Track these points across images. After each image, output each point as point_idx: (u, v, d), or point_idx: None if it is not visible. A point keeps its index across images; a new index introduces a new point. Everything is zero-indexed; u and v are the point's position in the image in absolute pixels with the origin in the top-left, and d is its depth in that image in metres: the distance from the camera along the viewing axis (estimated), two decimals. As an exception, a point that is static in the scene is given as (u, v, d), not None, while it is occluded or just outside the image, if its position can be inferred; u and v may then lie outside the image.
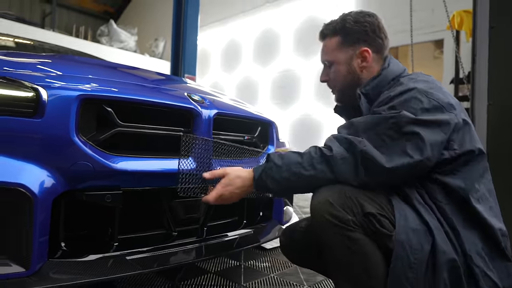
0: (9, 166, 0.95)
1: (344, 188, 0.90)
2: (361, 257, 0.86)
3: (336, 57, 1.11)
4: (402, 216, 0.88)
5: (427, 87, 0.93)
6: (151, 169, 1.19)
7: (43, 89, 1.02)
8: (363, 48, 1.07)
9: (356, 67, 1.09)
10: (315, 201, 0.92)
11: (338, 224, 0.87)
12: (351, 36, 1.08)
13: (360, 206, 0.88)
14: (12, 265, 0.95)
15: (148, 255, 1.18)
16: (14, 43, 2.27)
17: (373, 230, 0.87)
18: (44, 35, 5.30)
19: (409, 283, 0.83)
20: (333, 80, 1.13)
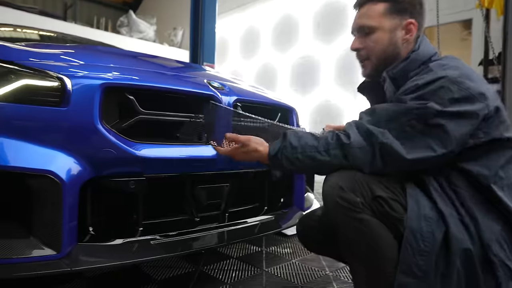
0: (39, 154, 0.99)
1: (355, 173, 0.90)
2: (370, 238, 0.86)
3: (380, 23, 1.03)
4: (415, 202, 0.86)
5: (457, 74, 0.87)
6: (173, 155, 1.20)
7: (67, 78, 1.04)
8: (410, 19, 1.02)
9: (399, 38, 1.03)
10: (326, 186, 0.93)
11: (347, 206, 0.87)
12: (400, 4, 1.02)
13: (370, 190, 0.88)
14: (44, 248, 0.99)
15: (172, 240, 1.20)
16: (39, 36, 2.33)
17: (382, 212, 0.86)
18: (67, 28, 5.42)
19: (419, 269, 0.82)
20: (370, 49, 1.05)
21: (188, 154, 1.24)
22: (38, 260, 0.97)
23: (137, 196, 1.17)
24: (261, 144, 1.05)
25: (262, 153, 1.03)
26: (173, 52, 6.71)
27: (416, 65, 0.99)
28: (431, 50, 1.02)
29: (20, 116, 0.98)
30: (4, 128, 0.96)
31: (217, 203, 1.37)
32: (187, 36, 6.96)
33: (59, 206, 0.99)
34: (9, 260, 0.94)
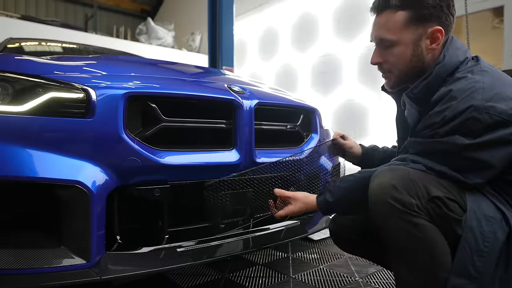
0: (66, 164, 1.00)
1: (409, 170, 0.85)
2: (426, 244, 0.81)
3: (401, 36, 0.93)
4: (475, 202, 0.82)
5: (486, 98, 0.80)
6: (196, 162, 1.20)
7: (92, 89, 1.06)
8: (436, 27, 0.90)
9: (423, 49, 0.93)
10: (376, 184, 0.86)
11: (401, 209, 0.81)
12: (423, 11, 0.90)
13: (425, 189, 0.82)
14: (74, 257, 1.00)
15: (197, 247, 1.20)
16: (62, 48, 2.40)
17: (440, 214, 0.81)
18: (88, 38, 5.58)
19: (476, 271, 0.78)
20: (391, 64, 0.98)
21: (211, 160, 1.24)
22: (68, 269, 0.99)
23: (162, 204, 1.17)
24: (307, 197, 1.11)
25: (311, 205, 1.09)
26: (191, 57, 6.78)
27: (440, 79, 0.91)
28: (459, 57, 0.92)
29: (48, 128, 1.00)
30: (33, 141, 0.98)
31: (242, 209, 1.36)
32: (205, 41, 7.02)
33: (87, 215, 1.00)
34: (40, 269, 0.96)
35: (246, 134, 1.29)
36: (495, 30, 4.28)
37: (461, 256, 0.79)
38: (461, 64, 0.91)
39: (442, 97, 0.86)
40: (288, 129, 1.53)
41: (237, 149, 1.29)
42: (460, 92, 0.83)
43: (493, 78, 0.85)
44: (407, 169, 0.86)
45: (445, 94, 0.85)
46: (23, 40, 2.30)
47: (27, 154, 0.97)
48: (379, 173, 0.88)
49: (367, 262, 1.64)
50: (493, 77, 0.85)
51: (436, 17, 0.91)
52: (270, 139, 1.46)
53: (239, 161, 1.28)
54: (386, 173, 0.86)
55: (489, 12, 4.27)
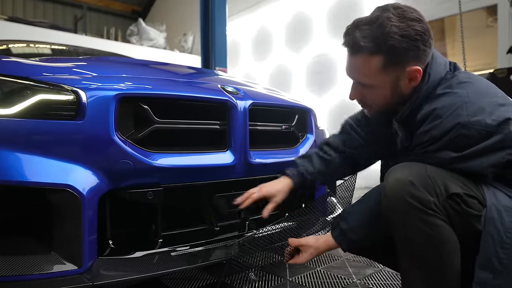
0: (56, 168, 0.98)
1: (426, 166, 0.84)
2: (439, 244, 0.81)
3: (378, 81, 0.92)
4: (493, 195, 0.83)
5: (470, 112, 0.81)
6: (189, 164, 1.18)
7: (82, 91, 1.03)
8: (413, 67, 0.88)
9: (402, 87, 0.92)
10: (393, 180, 0.84)
11: (418, 206, 0.80)
12: (398, 55, 0.87)
13: (444, 186, 0.81)
14: (65, 263, 0.98)
15: (192, 250, 1.18)
16: (51, 50, 2.36)
17: (458, 211, 0.81)
18: (77, 40, 5.51)
19: (500, 263, 0.78)
20: (370, 103, 0.99)
21: (205, 162, 1.22)
22: (60, 276, 0.97)
23: (155, 207, 1.16)
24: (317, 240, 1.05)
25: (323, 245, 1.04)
26: (184, 58, 6.74)
27: (424, 100, 0.91)
28: (441, 73, 0.92)
29: (37, 131, 0.97)
30: (22, 144, 0.96)
31: (237, 212, 1.34)
32: (197, 42, 6.99)
33: (79, 220, 0.98)
34: (30, 276, 0.94)
35: (241, 135, 1.28)
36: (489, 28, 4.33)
37: (485, 249, 0.79)
38: (442, 79, 0.92)
39: (427, 116, 0.87)
40: (283, 130, 1.52)
41: (231, 150, 1.28)
42: (445, 110, 0.84)
43: (473, 89, 0.86)
44: (424, 165, 0.85)
45: (430, 113, 0.86)
46: (11, 42, 2.25)
47: (16, 158, 0.94)
48: (395, 169, 0.87)
49: (364, 263, 1.63)
50: (472, 88, 0.86)
51: (413, 57, 0.88)
52: (265, 140, 1.45)
53: (234, 162, 1.27)
54: (403, 169, 0.85)
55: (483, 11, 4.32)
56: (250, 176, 1.35)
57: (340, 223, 1.00)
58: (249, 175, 1.34)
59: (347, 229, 0.98)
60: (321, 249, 1.04)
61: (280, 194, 1.19)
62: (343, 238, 0.99)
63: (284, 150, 1.49)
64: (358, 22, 0.92)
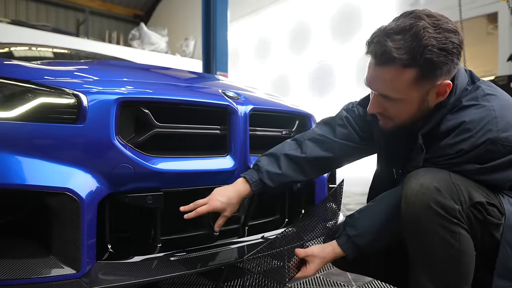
0: (56, 171, 0.98)
1: (450, 174, 0.83)
2: (458, 254, 0.79)
3: (408, 95, 0.85)
4: (508, 203, 0.84)
5: (500, 128, 0.81)
6: (190, 169, 1.18)
7: (83, 95, 1.03)
8: (445, 81, 0.83)
9: (430, 102, 0.87)
10: (417, 185, 0.80)
11: (442, 214, 0.78)
12: (434, 69, 0.81)
13: (468, 195, 0.80)
14: (64, 267, 0.98)
15: (191, 256, 1.17)
16: (52, 53, 2.37)
17: (480, 220, 0.81)
18: (79, 43, 5.53)
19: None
20: (392, 116, 0.92)
21: (205, 167, 1.22)
22: (58, 280, 0.96)
23: (154, 212, 1.15)
24: (322, 250, 1.00)
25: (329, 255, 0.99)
26: (185, 63, 6.77)
27: (447, 111, 0.88)
28: (464, 84, 0.89)
29: (38, 134, 0.97)
30: (23, 147, 0.96)
31: (236, 216, 1.34)
32: (199, 46, 7.02)
33: (78, 224, 0.98)
34: (28, 280, 0.93)
35: (241, 140, 1.28)
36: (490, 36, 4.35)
37: (503, 257, 0.79)
38: (464, 90, 0.89)
39: (454, 128, 0.84)
40: (283, 135, 1.52)
41: (231, 155, 1.28)
42: (474, 124, 0.82)
43: (498, 101, 0.85)
44: (448, 172, 0.83)
45: (457, 126, 0.83)
46: (13, 45, 2.26)
47: (16, 161, 0.94)
48: (416, 174, 0.83)
49: (362, 269, 1.63)
50: (498, 101, 0.85)
51: (446, 71, 0.83)
52: (265, 145, 1.45)
53: (234, 167, 1.26)
54: (425, 174, 0.82)
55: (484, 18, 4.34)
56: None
57: (347, 229, 0.96)
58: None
59: (354, 235, 0.94)
60: (328, 258, 0.98)
61: (230, 207, 1.11)
62: (350, 245, 0.95)
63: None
64: (388, 30, 0.83)
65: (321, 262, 0.99)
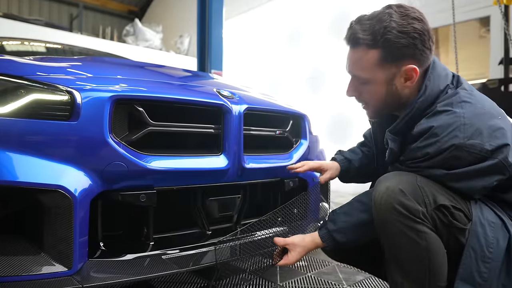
0: (49, 168, 0.97)
1: (416, 177, 0.86)
2: (426, 253, 0.82)
3: (374, 75, 0.92)
4: (479, 209, 0.84)
5: (467, 135, 0.82)
6: (183, 167, 1.18)
7: (77, 92, 1.03)
8: (410, 65, 0.88)
9: (398, 86, 0.92)
10: (383, 188, 0.85)
11: (407, 214, 0.81)
12: (395, 51, 0.88)
13: (433, 197, 0.83)
14: (55, 264, 0.97)
15: (184, 254, 1.18)
16: (45, 48, 2.34)
17: (444, 223, 0.82)
18: (73, 38, 5.47)
19: (480, 277, 0.80)
20: (366, 99, 0.99)
21: (198, 166, 1.22)
22: (49, 277, 0.96)
23: (147, 210, 1.15)
24: (303, 239, 1.04)
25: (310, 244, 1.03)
26: (180, 60, 6.72)
27: (421, 111, 0.91)
28: (440, 86, 0.92)
29: (30, 131, 0.96)
30: (15, 143, 0.95)
31: (229, 216, 1.34)
32: (193, 43, 6.99)
33: (70, 221, 0.97)
34: (19, 277, 0.93)
35: (235, 140, 1.28)
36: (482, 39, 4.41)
37: (467, 262, 0.80)
38: (441, 92, 0.91)
39: (424, 132, 0.87)
40: (277, 135, 1.52)
41: (225, 154, 1.28)
42: (442, 129, 0.84)
43: (473, 109, 0.86)
44: (415, 175, 0.86)
45: (427, 130, 0.86)
46: (5, 39, 2.23)
47: (8, 157, 0.93)
48: (385, 177, 0.88)
49: (355, 269, 1.64)
50: (473, 108, 0.86)
51: (410, 55, 0.88)
52: (259, 145, 1.45)
53: (227, 166, 1.27)
54: (393, 178, 0.86)
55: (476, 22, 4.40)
56: (243, 181, 1.35)
57: (328, 224, 1.01)
58: (242, 180, 1.35)
59: (333, 230, 0.99)
60: (308, 247, 1.03)
61: (333, 171, 1.24)
62: (329, 239, 1.00)
63: (278, 155, 1.50)
64: (360, 17, 0.93)
65: (303, 251, 1.03)
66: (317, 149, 1.73)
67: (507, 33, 2.74)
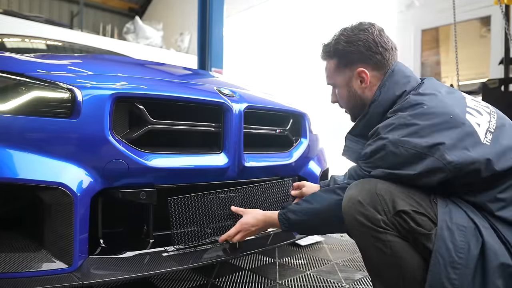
0: (50, 166, 0.97)
1: (377, 184, 0.86)
2: (395, 260, 0.82)
3: (335, 80, 1.08)
4: (447, 213, 0.81)
5: (403, 133, 0.83)
6: (183, 165, 1.18)
7: (77, 89, 1.03)
8: (360, 68, 1.01)
9: (356, 88, 1.04)
10: (346, 201, 0.89)
11: (368, 225, 0.83)
12: (345, 58, 1.04)
13: (392, 204, 0.83)
14: (55, 261, 0.98)
15: (183, 252, 1.18)
16: (46, 45, 2.34)
17: (407, 229, 0.81)
18: (73, 36, 5.46)
19: (451, 284, 0.76)
20: (340, 103, 1.12)
21: (199, 164, 1.22)
22: (49, 274, 0.96)
23: (147, 207, 1.15)
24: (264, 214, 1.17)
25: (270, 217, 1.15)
26: (180, 58, 6.71)
27: (378, 116, 0.98)
28: (396, 92, 0.97)
29: (31, 128, 0.97)
30: (16, 141, 0.95)
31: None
32: (194, 41, 6.98)
33: (70, 218, 0.98)
34: (19, 274, 0.93)
35: (235, 138, 1.28)
36: (483, 39, 4.39)
37: (435, 268, 0.78)
38: (399, 98, 0.96)
39: (372, 133, 0.93)
40: (277, 133, 1.52)
41: (225, 152, 1.28)
42: (383, 128, 0.89)
43: (420, 110, 0.86)
44: (375, 182, 0.86)
45: (375, 131, 0.92)
46: (5, 36, 2.23)
47: (9, 155, 0.94)
48: (350, 187, 0.91)
49: (354, 268, 1.65)
50: (420, 110, 0.86)
51: (359, 60, 1.01)
52: (259, 143, 1.46)
53: (227, 165, 1.27)
54: (355, 187, 0.89)
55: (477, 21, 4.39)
56: (243, 179, 1.35)
57: (288, 213, 1.09)
58: (242, 178, 1.35)
59: (290, 210, 1.09)
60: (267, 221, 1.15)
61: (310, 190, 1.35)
62: (285, 221, 1.09)
63: (278, 154, 1.50)
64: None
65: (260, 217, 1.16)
66: (317, 148, 1.73)
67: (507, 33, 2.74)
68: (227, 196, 1.28)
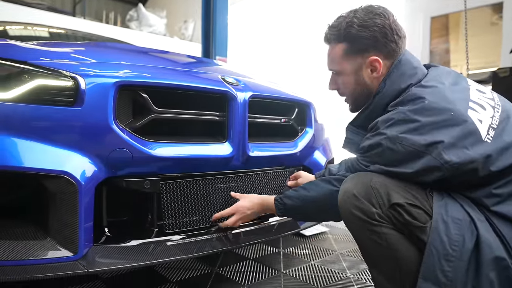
0: (54, 154, 0.97)
1: (372, 177, 0.85)
2: (391, 252, 0.82)
3: (342, 67, 1.00)
4: (442, 206, 0.81)
5: (402, 130, 0.81)
6: (187, 154, 1.18)
7: (81, 77, 1.02)
8: (373, 57, 0.94)
9: (365, 77, 0.98)
10: (341, 195, 0.89)
11: (363, 218, 0.83)
12: (358, 43, 0.95)
13: (386, 197, 0.82)
14: (61, 249, 0.98)
15: (187, 241, 1.18)
16: (48, 33, 2.32)
17: (402, 222, 0.81)
18: (76, 23, 5.42)
19: (445, 276, 0.76)
20: (342, 91, 1.05)
21: (203, 153, 1.21)
22: (55, 262, 0.97)
23: (152, 196, 1.15)
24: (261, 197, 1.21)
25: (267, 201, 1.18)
26: (184, 46, 6.66)
27: (380, 108, 0.94)
28: (401, 85, 0.92)
29: (34, 116, 0.96)
30: (19, 129, 0.94)
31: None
32: (198, 29, 6.91)
33: (75, 207, 0.98)
34: (25, 261, 0.94)
35: (239, 127, 1.27)
36: (494, 26, 4.29)
37: (428, 260, 0.77)
38: (404, 91, 0.91)
39: (372, 126, 0.91)
40: (282, 123, 1.51)
41: (230, 142, 1.27)
42: (382, 122, 0.87)
43: (421, 105, 0.83)
44: (371, 176, 0.86)
45: (373, 125, 0.90)
46: (7, 24, 2.21)
47: (13, 143, 0.93)
48: (346, 180, 0.90)
49: (359, 258, 1.65)
50: (421, 105, 0.83)
51: (373, 47, 0.94)
52: (263, 133, 1.44)
53: (232, 154, 1.26)
54: (351, 180, 0.88)
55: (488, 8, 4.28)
56: (247, 168, 1.35)
57: (284, 199, 1.10)
58: (246, 167, 1.34)
59: (286, 195, 1.10)
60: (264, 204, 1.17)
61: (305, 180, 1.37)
62: (281, 206, 1.11)
63: (282, 143, 1.49)
64: (334, 18, 1.03)
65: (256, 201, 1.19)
66: (323, 138, 1.72)
67: (520, 20, 2.66)
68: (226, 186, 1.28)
